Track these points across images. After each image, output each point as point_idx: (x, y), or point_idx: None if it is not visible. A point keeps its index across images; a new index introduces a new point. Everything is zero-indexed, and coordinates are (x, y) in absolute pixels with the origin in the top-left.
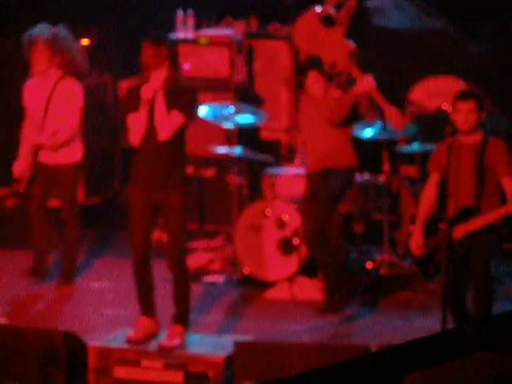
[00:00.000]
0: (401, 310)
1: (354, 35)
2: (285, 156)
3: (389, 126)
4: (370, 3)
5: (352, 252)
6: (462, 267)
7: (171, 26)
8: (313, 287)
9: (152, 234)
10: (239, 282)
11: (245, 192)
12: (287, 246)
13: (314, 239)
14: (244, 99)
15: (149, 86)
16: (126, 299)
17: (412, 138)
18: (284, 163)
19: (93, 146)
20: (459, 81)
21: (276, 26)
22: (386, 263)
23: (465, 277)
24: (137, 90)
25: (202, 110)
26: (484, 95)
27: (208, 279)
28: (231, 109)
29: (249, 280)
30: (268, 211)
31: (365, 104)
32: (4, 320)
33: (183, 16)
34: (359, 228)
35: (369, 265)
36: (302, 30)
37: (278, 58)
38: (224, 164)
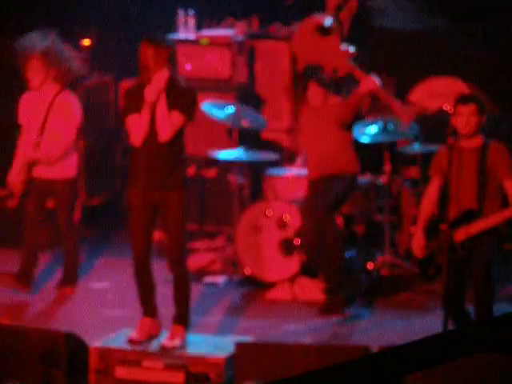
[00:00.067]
0: (401, 311)
1: (355, 36)
2: (286, 156)
3: (390, 127)
4: (371, 3)
5: (353, 253)
6: (462, 269)
7: (172, 27)
8: (314, 288)
9: (153, 235)
10: (240, 283)
11: (246, 192)
12: (288, 247)
13: (313, 242)
14: (245, 100)
15: (152, 88)
16: (127, 300)
17: (413, 139)
18: (285, 164)
19: (94, 146)
20: (460, 81)
21: (277, 27)
22: (387, 264)
23: (465, 278)
24: (136, 91)
25: (204, 110)
26: (484, 95)
27: (209, 280)
28: (232, 109)
29: (250, 280)
30: (269, 212)
31: (367, 104)
32: (5, 320)
33: (184, 16)
34: (360, 229)
35: (370, 265)
36: (300, 41)
37: (279, 59)
38: (225, 164)
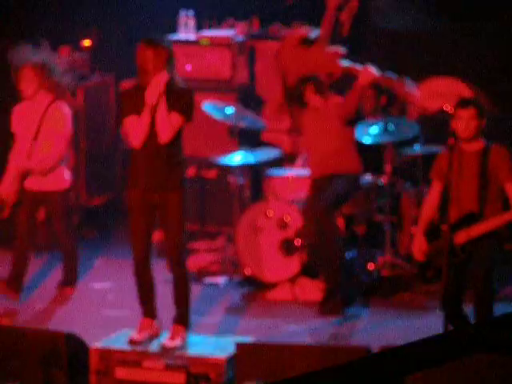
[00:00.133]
0: (402, 311)
1: (355, 36)
2: (286, 157)
3: (391, 127)
4: (371, 4)
5: (353, 253)
6: (462, 272)
7: (173, 27)
8: (314, 288)
9: (152, 235)
10: (241, 283)
11: (246, 193)
12: (289, 247)
13: (314, 242)
14: (245, 100)
15: (152, 91)
16: (128, 300)
17: (414, 140)
18: (286, 164)
19: (94, 147)
20: (460, 82)
21: (277, 27)
22: (388, 264)
23: (464, 281)
24: (134, 92)
25: (205, 111)
26: (484, 96)
27: (209, 280)
28: (232, 109)
29: (250, 281)
30: (269, 212)
31: (368, 101)
32: (6, 321)
33: (185, 17)
34: (361, 229)
35: (370, 266)
36: (286, 57)
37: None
38: (225, 165)
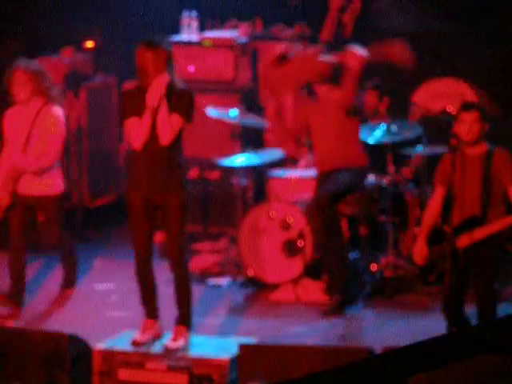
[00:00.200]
0: (405, 312)
1: (358, 37)
2: (289, 158)
3: (394, 128)
4: (374, 5)
5: (356, 254)
6: (464, 275)
7: (176, 28)
8: (317, 289)
9: (154, 236)
10: (243, 284)
11: (249, 194)
12: (291, 248)
13: (320, 236)
14: (248, 101)
15: (153, 94)
16: (130, 301)
17: (417, 140)
18: (288, 165)
19: (97, 148)
20: (462, 82)
21: (280, 28)
22: (391, 265)
23: (466, 284)
24: (135, 94)
25: (208, 113)
26: (486, 96)
27: (212, 281)
28: (236, 112)
29: (253, 282)
30: (272, 213)
31: (370, 102)
32: (9, 322)
33: (188, 18)
34: (364, 230)
35: (373, 267)
36: (268, 79)
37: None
38: (228, 167)
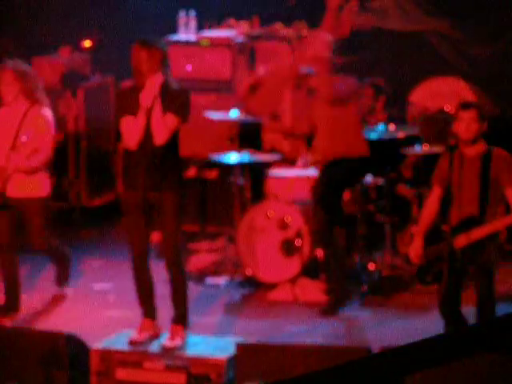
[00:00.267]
0: (402, 311)
1: (356, 36)
2: (287, 157)
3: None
4: (372, 4)
5: (354, 253)
6: (461, 275)
7: (173, 28)
8: (315, 288)
9: (150, 235)
10: (241, 284)
11: (247, 193)
12: (289, 248)
13: (322, 230)
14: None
15: (147, 94)
16: (128, 301)
17: (414, 140)
18: (286, 165)
19: (94, 147)
20: (461, 81)
21: (278, 27)
22: (388, 265)
23: (462, 284)
24: (130, 93)
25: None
26: (485, 96)
27: (210, 280)
28: (236, 112)
29: (251, 281)
30: (270, 213)
31: (366, 101)
32: (6, 322)
33: (185, 18)
34: (361, 229)
35: (371, 266)
36: (250, 108)
37: (280, 60)
38: (226, 166)
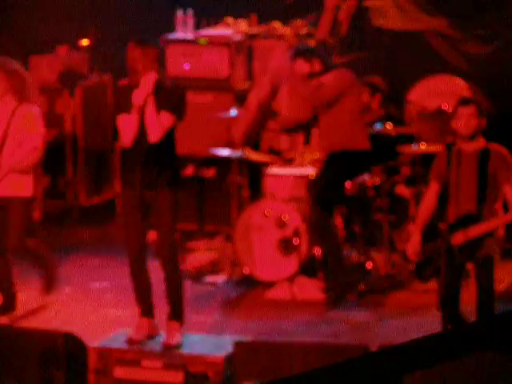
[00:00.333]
0: (400, 310)
1: (354, 35)
2: (285, 156)
3: (389, 126)
4: (370, 3)
5: (351, 251)
6: (459, 272)
7: (171, 26)
8: (312, 287)
9: (146, 234)
10: (239, 282)
11: (245, 192)
12: (287, 246)
13: (320, 222)
14: (243, 99)
15: (140, 92)
16: (126, 299)
17: (412, 138)
18: (284, 163)
19: (92, 146)
20: (459, 80)
21: (276, 26)
22: (386, 263)
23: (461, 281)
24: (126, 91)
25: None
26: (483, 95)
27: (208, 279)
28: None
29: (249, 280)
30: (268, 211)
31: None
32: (4, 320)
33: (183, 16)
34: (359, 228)
35: (369, 265)
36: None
37: (275, 59)
38: (224, 164)
